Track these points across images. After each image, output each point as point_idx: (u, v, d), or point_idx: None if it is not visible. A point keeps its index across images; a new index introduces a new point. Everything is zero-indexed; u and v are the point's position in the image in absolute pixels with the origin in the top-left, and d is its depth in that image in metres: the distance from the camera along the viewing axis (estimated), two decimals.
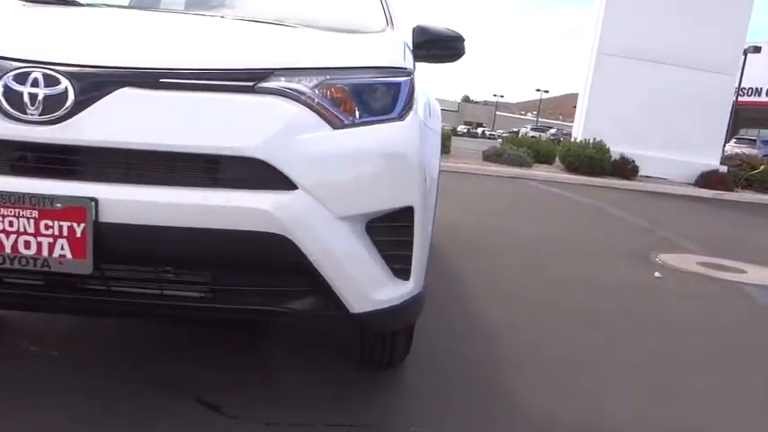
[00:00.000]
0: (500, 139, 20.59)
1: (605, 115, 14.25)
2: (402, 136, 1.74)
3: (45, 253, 1.45)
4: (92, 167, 1.47)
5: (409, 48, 2.12)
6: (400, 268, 1.76)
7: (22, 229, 1.43)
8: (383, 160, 1.68)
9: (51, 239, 1.44)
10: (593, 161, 13.26)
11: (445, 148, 13.79)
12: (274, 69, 1.60)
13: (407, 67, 1.88)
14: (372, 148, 1.67)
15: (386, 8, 2.57)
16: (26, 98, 1.44)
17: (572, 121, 17.65)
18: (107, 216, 1.44)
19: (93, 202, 1.43)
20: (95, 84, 1.48)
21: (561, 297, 3.62)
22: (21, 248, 1.44)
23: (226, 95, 1.55)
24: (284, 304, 1.63)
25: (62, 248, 1.44)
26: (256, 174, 1.52)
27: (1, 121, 1.44)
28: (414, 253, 1.77)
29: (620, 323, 3.28)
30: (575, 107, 16.46)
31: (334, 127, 1.62)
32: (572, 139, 15.04)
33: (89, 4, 2.30)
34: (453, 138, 16.21)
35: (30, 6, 2.06)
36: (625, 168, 13.45)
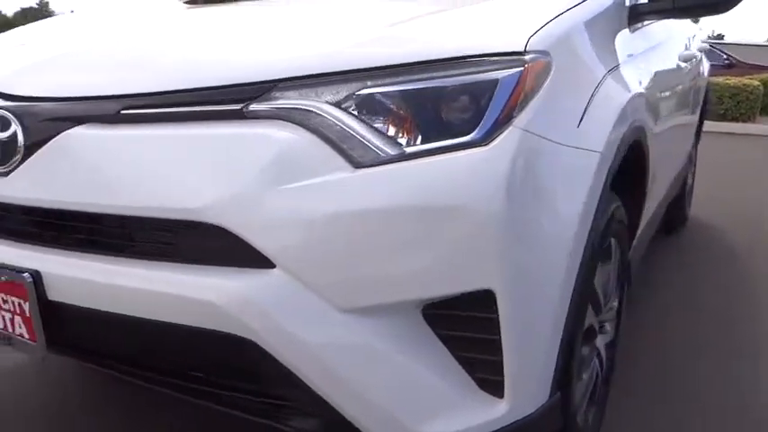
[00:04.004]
0: None
1: None
2: (478, 173, 1.01)
3: (10, 329, 1.21)
4: (36, 232, 1.17)
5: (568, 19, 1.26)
6: (486, 379, 1.10)
7: None
8: (430, 216, 1.00)
9: (11, 315, 1.19)
10: None
11: None
12: (277, 81, 1.06)
13: (523, 49, 1.09)
14: (411, 197, 1.00)
15: None
16: None
17: None
18: (54, 294, 1.14)
19: (31, 277, 1.13)
20: (42, 124, 1.14)
21: None
22: None
23: (198, 129, 1.06)
24: (282, 419, 1.14)
25: (20, 326, 1.19)
26: (211, 244, 1.04)
27: None
28: (505, 357, 1.07)
29: None
30: None
31: (357, 165, 1.01)
32: None
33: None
34: None
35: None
36: None
